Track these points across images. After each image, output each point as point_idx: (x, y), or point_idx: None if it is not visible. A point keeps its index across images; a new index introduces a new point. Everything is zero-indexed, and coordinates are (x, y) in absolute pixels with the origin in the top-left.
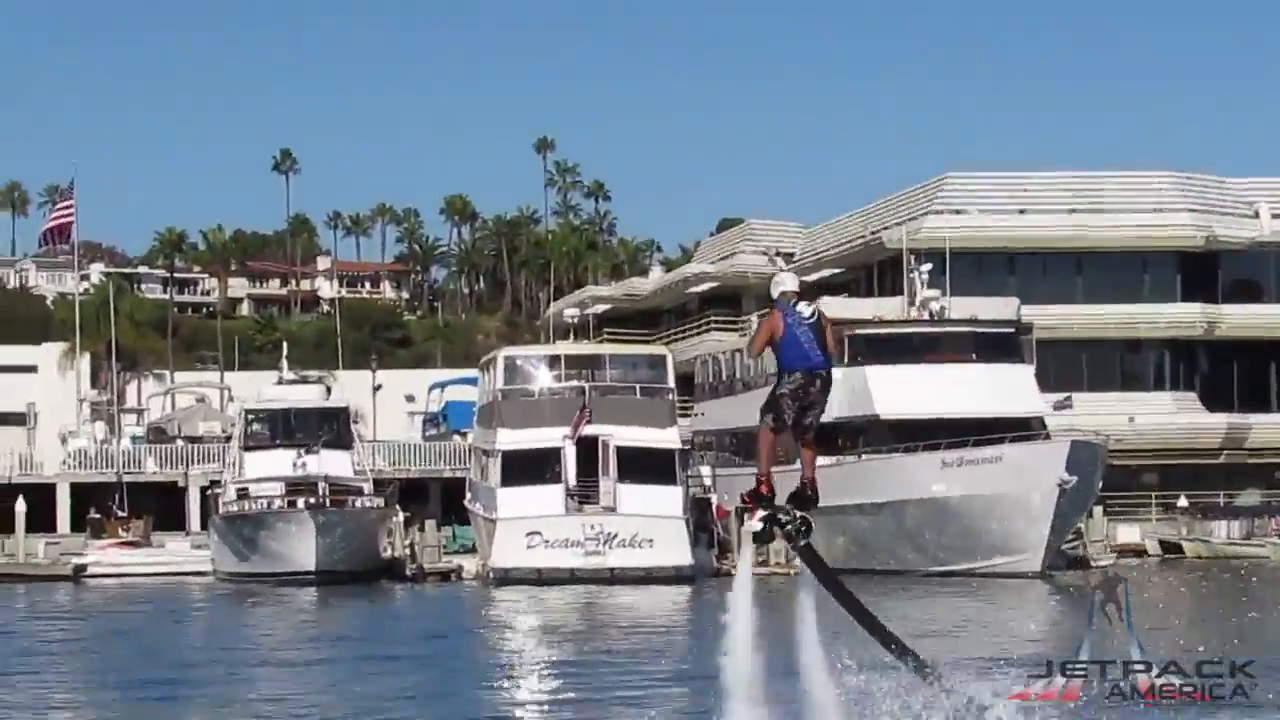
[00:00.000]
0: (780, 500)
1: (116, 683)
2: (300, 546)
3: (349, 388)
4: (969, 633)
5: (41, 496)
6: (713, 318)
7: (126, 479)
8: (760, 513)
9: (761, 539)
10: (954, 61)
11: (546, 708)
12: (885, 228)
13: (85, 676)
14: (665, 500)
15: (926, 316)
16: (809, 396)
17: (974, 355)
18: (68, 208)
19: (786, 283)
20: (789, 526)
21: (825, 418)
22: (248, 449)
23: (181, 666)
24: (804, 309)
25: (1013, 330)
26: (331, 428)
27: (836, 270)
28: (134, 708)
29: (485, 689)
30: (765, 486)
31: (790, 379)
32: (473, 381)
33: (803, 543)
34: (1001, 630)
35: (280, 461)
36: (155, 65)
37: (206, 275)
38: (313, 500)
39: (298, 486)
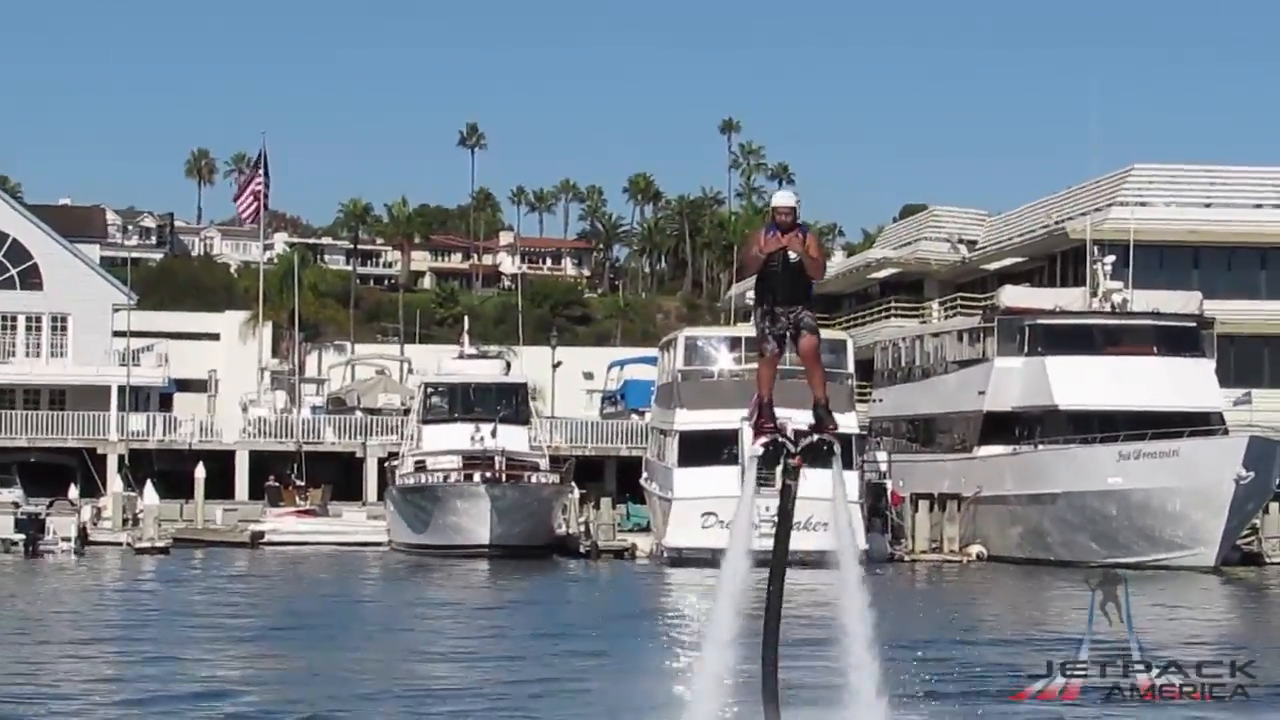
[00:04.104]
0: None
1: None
2: (475, 520)
3: (528, 364)
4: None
5: (221, 463)
6: (893, 304)
7: (305, 448)
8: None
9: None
10: (1142, 53)
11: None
12: (1069, 218)
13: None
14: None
15: (1108, 308)
16: None
17: (1155, 348)
18: (261, 183)
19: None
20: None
21: (1004, 407)
22: (426, 422)
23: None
24: None
25: (1194, 324)
26: (510, 403)
27: (1019, 259)
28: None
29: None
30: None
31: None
32: (652, 361)
33: (790, 481)
34: (1170, 623)
35: (458, 435)
36: (343, 37)
37: (389, 248)
38: (489, 474)
39: (474, 460)
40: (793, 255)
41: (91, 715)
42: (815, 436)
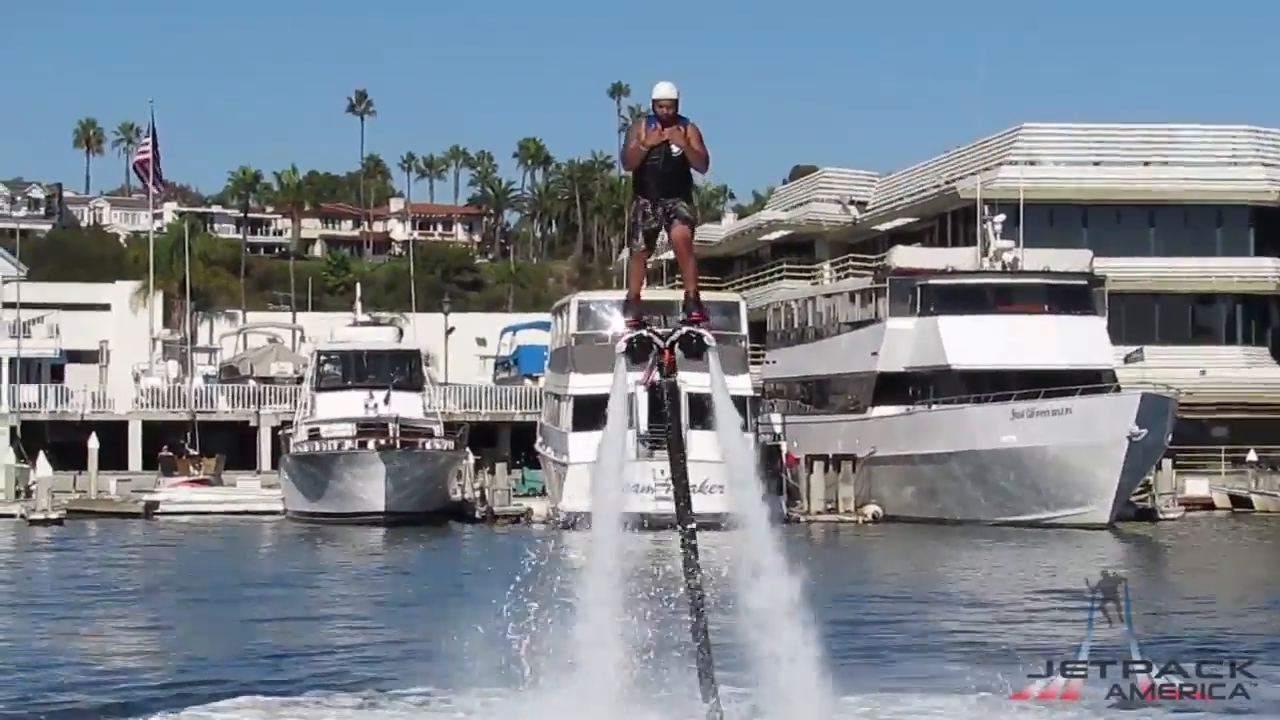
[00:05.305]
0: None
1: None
2: (370, 487)
3: (421, 330)
4: (1034, 579)
5: (114, 434)
6: (785, 265)
7: (199, 418)
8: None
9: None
10: (1032, 11)
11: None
12: (959, 178)
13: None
14: None
15: (999, 267)
16: None
17: (1046, 307)
18: (149, 148)
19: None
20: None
21: (897, 367)
22: (320, 390)
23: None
24: None
25: (1085, 282)
26: (403, 370)
27: (910, 220)
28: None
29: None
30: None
31: None
32: (545, 326)
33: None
34: (1065, 578)
35: (352, 403)
36: (229, 3)
37: (280, 216)
38: (383, 441)
39: (369, 428)
40: (675, 149)
41: None
42: (685, 329)
